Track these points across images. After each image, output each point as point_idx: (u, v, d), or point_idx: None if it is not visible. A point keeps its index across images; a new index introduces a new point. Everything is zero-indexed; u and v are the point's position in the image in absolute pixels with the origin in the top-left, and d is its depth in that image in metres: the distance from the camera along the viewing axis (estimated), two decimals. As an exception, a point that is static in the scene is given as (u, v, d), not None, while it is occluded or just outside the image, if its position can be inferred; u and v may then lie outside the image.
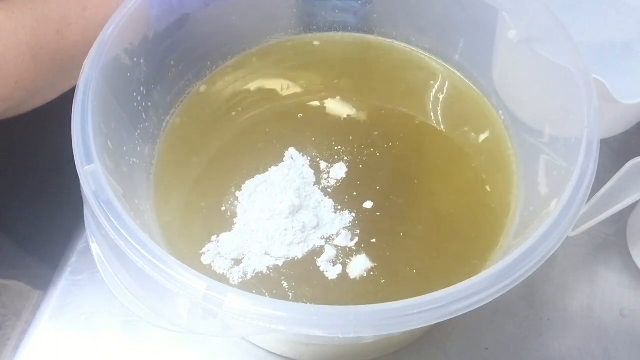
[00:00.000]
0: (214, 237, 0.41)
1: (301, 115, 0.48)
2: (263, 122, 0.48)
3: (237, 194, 0.43)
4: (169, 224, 0.41)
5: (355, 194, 0.43)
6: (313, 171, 0.44)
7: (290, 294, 0.38)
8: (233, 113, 0.48)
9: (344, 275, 0.39)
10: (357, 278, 0.39)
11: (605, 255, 0.50)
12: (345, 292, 0.39)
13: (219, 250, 0.40)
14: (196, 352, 0.45)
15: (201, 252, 0.40)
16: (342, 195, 0.43)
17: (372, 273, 0.39)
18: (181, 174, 0.44)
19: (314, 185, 0.43)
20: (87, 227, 0.34)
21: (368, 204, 0.42)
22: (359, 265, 0.40)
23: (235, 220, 0.41)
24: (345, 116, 0.48)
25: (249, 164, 0.44)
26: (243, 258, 0.40)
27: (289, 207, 0.40)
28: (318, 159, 0.45)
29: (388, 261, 0.40)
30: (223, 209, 0.42)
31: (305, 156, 0.45)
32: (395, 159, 0.45)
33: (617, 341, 0.46)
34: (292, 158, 0.44)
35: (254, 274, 0.39)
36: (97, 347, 0.45)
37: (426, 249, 0.41)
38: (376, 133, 0.46)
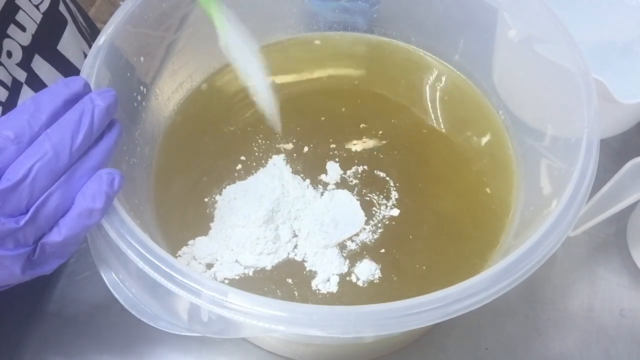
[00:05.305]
0: (190, 241, 0.40)
1: (300, 115, 0.48)
2: (262, 122, 0.48)
3: (217, 197, 0.42)
4: (168, 224, 0.41)
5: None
6: (298, 180, 0.42)
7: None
8: (232, 113, 0.48)
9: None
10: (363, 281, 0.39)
11: (605, 255, 0.50)
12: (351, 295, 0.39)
13: (193, 253, 0.39)
14: (196, 352, 0.45)
15: (177, 255, 0.39)
16: (325, 204, 0.41)
17: (377, 273, 0.39)
18: (180, 174, 0.44)
19: (296, 195, 0.41)
20: (87, 227, 0.33)
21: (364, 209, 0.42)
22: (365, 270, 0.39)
23: (211, 224, 0.41)
24: (344, 117, 0.48)
25: (240, 166, 0.44)
26: (215, 264, 0.39)
27: (263, 215, 0.38)
28: (312, 163, 0.44)
29: (391, 265, 0.40)
30: (207, 212, 0.41)
31: (295, 162, 0.44)
32: (396, 163, 0.45)
33: (617, 341, 0.46)
34: (274, 165, 0.43)
35: (223, 281, 0.38)
36: (97, 348, 0.45)
37: (427, 249, 0.41)
38: (376, 135, 0.46)
